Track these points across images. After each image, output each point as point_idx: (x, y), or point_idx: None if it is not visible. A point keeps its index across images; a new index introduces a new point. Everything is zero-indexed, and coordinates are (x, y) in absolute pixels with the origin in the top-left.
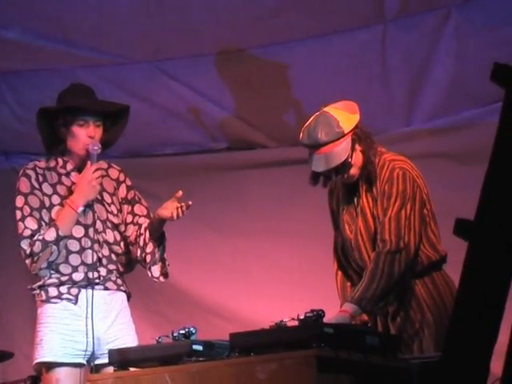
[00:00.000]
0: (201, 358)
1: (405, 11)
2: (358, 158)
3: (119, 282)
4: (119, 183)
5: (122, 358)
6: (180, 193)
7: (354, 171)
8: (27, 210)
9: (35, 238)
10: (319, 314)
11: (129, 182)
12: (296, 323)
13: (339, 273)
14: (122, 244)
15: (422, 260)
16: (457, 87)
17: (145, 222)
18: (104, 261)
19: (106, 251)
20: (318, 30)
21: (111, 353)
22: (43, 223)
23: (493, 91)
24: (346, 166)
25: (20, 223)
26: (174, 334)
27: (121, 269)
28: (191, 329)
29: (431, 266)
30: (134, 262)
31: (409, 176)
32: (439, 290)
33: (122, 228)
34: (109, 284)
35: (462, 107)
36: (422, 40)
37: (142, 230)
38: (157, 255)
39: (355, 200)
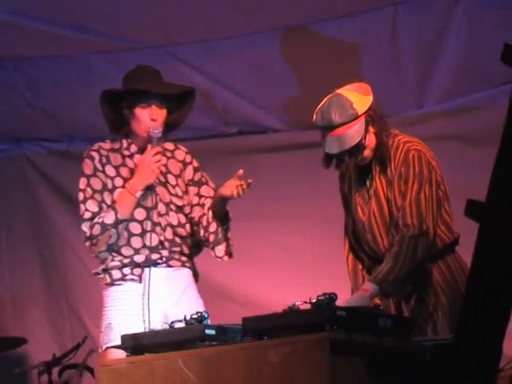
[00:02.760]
0: (214, 343)
1: None
2: (371, 140)
3: (183, 259)
4: (186, 165)
5: (135, 343)
6: (241, 171)
7: (367, 153)
8: (89, 192)
9: (95, 220)
10: (331, 297)
11: (196, 164)
12: (308, 306)
13: (350, 256)
14: (187, 226)
15: (437, 242)
16: (468, 69)
17: (210, 202)
18: (166, 244)
19: (169, 234)
20: (328, 12)
21: (124, 338)
22: (104, 206)
23: (504, 72)
24: (359, 147)
25: (81, 205)
26: (187, 319)
27: (186, 251)
28: (204, 313)
29: (445, 247)
30: (202, 243)
31: (424, 158)
32: (453, 272)
33: (187, 210)
34: (172, 262)
35: (473, 89)
36: (433, 21)
37: (205, 210)
38: (220, 235)
39: (368, 182)
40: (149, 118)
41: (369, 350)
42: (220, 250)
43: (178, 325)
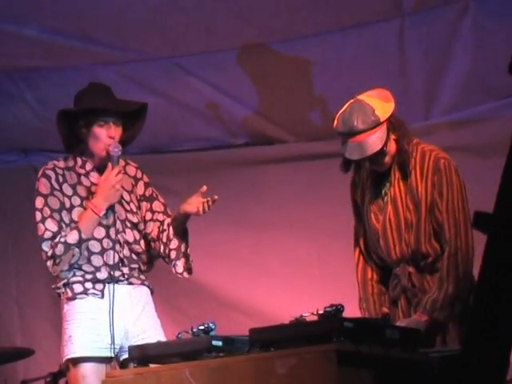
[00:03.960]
0: (220, 354)
1: (422, 4)
2: (391, 147)
3: (142, 277)
4: (137, 180)
5: (141, 354)
6: (204, 188)
7: (387, 160)
8: (47, 211)
9: (57, 240)
10: (338, 309)
11: (146, 179)
12: (316, 318)
13: (360, 265)
14: (141, 243)
15: None
16: (475, 80)
17: (163, 218)
18: (125, 261)
19: (126, 251)
20: (336, 24)
21: (131, 349)
22: (63, 225)
23: (511, 84)
24: (380, 154)
25: (40, 225)
26: (194, 330)
27: (142, 267)
28: (210, 324)
29: None
30: (155, 258)
31: (453, 166)
32: None
33: (141, 226)
34: (132, 279)
35: (480, 100)
36: (440, 33)
37: (165, 226)
38: (181, 251)
39: (383, 190)
40: (107, 136)
41: (376, 362)
42: (179, 266)
43: (184, 336)
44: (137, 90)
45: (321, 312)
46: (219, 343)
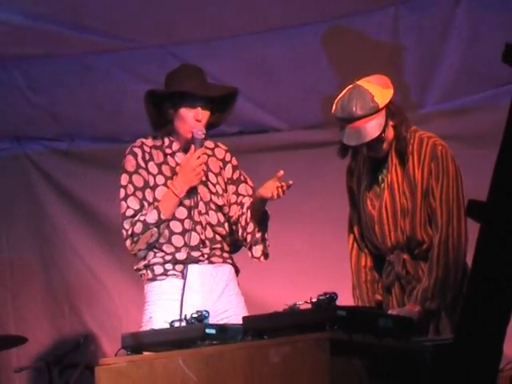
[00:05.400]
0: (214, 342)
1: None
2: (389, 133)
3: (225, 255)
4: (225, 163)
5: (135, 342)
6: (281, 172)
7: (384, 146)
8: (131, 188)
9: (136, 218)
10: (332, 297)
11: (235, 162)
12: (309, 306)
13: (354, 252)
14: (226, 225)
15: None
16: (469, 69)
17: (248, 201)
18: (207, 243)
19: (209, 233)
20: (329, 12)
21: (124, 337)
22: (146, 203)
23: (505, 73)
24: (378, 140)
25: (123, 202)
26: (187, 318)
27: (226, 248)
28: (204, 312)
29: None
30: (239, 242)
31: (450, 153)
32: None
33: (226, 209)
34: (214, 258)
35: (474, 89)
36: (434, 22)
37: (244, 210)
38: (258, 235)
39: (380, 176)
40: (193, 118)
41: (369, 350)
42: (257, 250)
43: (178, 324)
44: (130, 78)
45: (314, 300)
46: (213, 331)
